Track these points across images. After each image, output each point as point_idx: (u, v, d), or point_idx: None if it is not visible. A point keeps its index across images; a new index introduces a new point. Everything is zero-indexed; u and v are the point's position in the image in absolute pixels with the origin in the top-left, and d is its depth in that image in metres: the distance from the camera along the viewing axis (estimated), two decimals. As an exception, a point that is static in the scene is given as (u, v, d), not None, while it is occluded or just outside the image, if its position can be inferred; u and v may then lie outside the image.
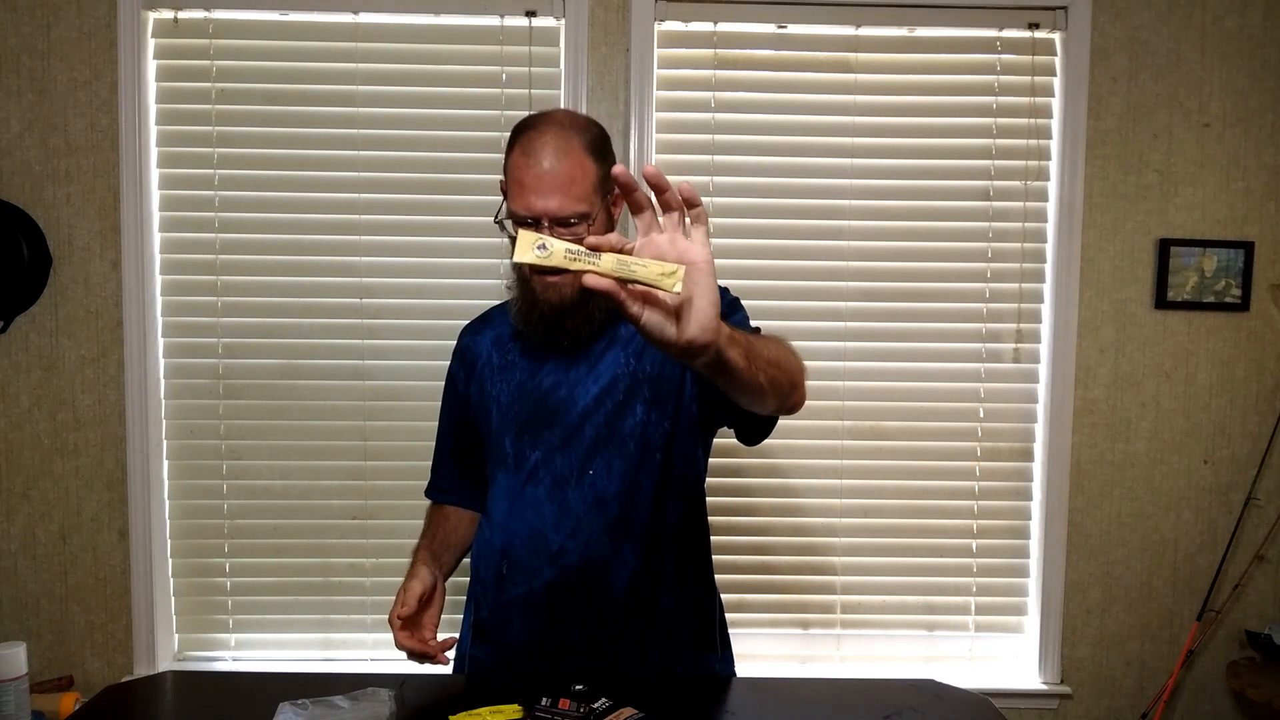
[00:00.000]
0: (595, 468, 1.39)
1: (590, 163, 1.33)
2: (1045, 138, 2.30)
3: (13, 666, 1.30)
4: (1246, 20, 2.27)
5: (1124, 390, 2.33)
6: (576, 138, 1.33)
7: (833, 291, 2.31)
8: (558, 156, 1.31)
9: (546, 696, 1.22)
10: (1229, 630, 2.38)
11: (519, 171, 1.32)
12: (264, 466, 2.30)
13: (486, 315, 1.58)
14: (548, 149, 1.31)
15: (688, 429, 1.43)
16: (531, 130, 1.34)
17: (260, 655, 2.34)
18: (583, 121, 1.37)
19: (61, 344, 2.24)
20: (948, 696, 1.39)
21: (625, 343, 1.42)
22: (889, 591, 2.37)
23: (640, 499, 1.40)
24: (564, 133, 1.33)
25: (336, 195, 2.25)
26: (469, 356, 1.53)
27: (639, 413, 1.40)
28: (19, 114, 2.20)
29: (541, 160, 1.30)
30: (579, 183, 1.31)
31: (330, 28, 2.23)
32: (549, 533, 1.39)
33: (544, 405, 1.42)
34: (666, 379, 1.41)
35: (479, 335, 1.54)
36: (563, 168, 1.30)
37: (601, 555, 1.39)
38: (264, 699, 1.25)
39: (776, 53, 2.27)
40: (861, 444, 2.33)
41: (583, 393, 1.41)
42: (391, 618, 1.44)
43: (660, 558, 1.42)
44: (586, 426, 1.40)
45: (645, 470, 1.40)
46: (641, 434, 1.40)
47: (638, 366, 1.41)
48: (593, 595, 1.40)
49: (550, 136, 1.32)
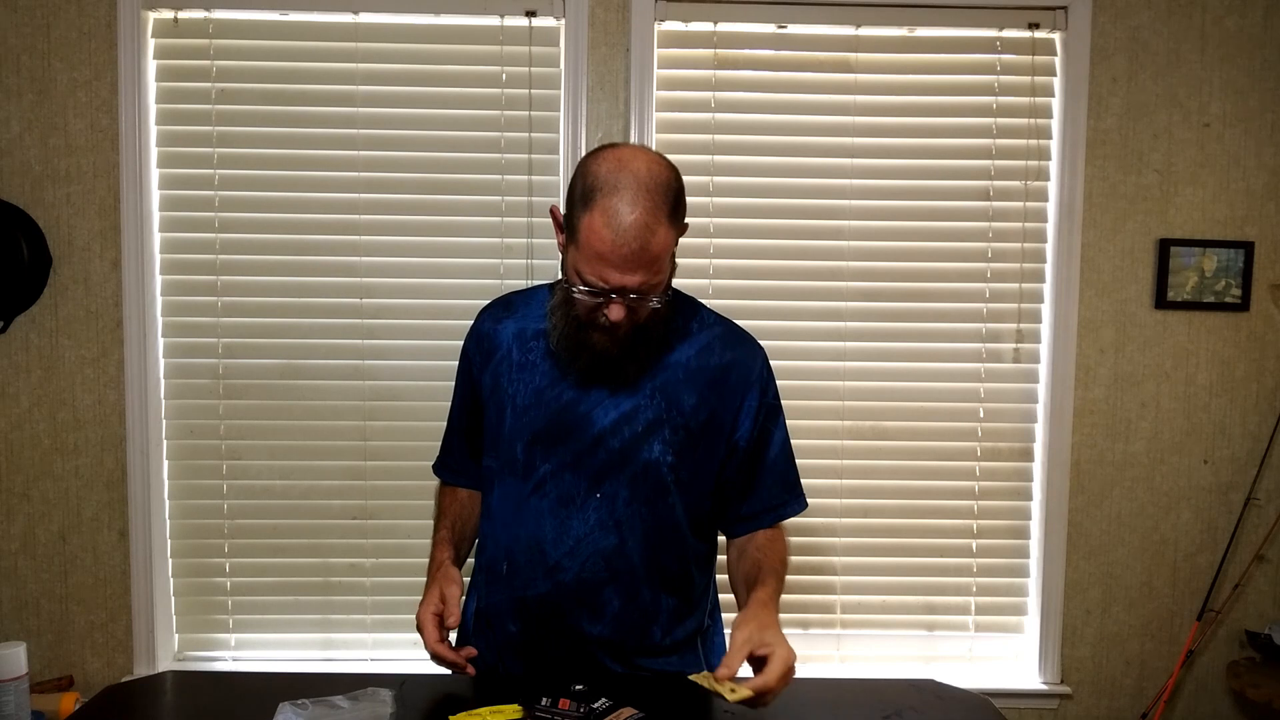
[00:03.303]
0: (603, 492, 1.37)
1: (672, 232, 1.27)
2: (1045, 138, 2.30)
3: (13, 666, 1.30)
4: (1246, 20, 2.27)
5: (1124, 390, 2.34)
6: (663, 207, 1.24)
7: (833, 291, 2.31)
8: (645, 234, 1.22)
9: (546, 696, 1.22)
10: (1229, 630, 2.38)
11: (598, 241, 1.22)
12: (264, 466, 2.30)
13: (507, 301, 1.53)
14: (636, 227, 1.21)
15: (700, 483, 1.42)
16: (614, 196, 1.22)
17: (260, 655, 2.34)
18: (664, 177, 1.26)
19: (61, 344, 2.24)
20: (948, 696, 1.39)
21: (654, 374, 1.39)
22: (889, 591, 2.37)
23: (643, 532, 1.38)
24: (651, 202, 1.23)
25: (337, 195, 2.25)
26: (488, 344, 1.47)
27: (655, 450, 1.37)
28: (19, 114, 2.20)
29: (628, 238, 1.21)
30: (660, 259, 1.25)
31: (330, 28, 2.23)
32: (547, 547, 1.38)
33: (561, 419, 1.39)
34: (692, 432, 1.39)
35: (501, 324, 1.47)
36: (650, 245, 1.22)
37: (596, 579, 1.37)
38: (264, 699, 1.25)
39: (776, 53, 2.27)
40: (861, 444, 2.33)
41: (601, 414, 1.38)
42: (425, 618, 1.35)
43: (655, 593, 1.40)
44: (600, 450, 1.37)
45: (651, 506, 1.38)
46: (655, 472, 1.37)
47: (665, 406, 1.38)
48: (582, 616, 1.38)
49: (639, 212, 1.22)
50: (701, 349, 1.42)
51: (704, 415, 1.39)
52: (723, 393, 1.40)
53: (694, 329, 1.44)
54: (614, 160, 1.26)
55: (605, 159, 1.27)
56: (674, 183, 1.28)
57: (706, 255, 2.29)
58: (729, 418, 1.41)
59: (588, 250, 1.24)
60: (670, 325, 1.39)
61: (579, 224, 1.25)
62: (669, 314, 1.38)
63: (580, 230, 1.25)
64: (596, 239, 1.23)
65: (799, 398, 2.30)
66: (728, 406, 1.41)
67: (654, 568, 1.40)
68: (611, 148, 1.31)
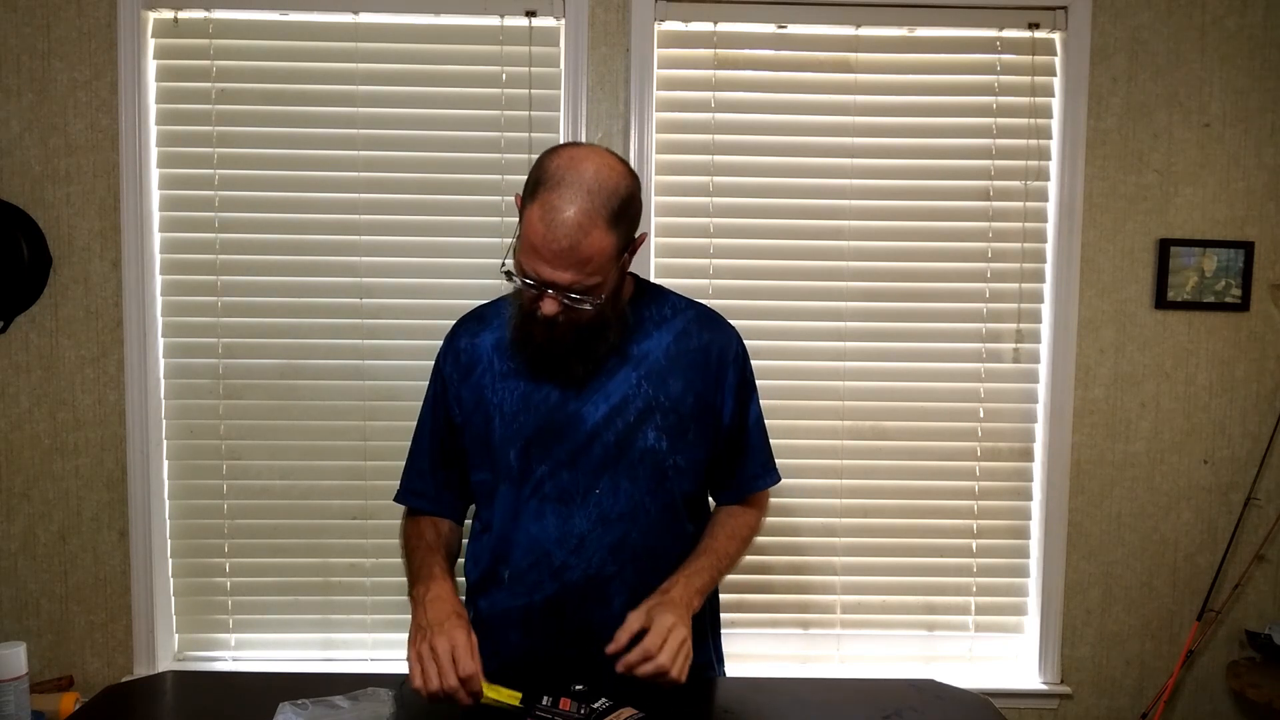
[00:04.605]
0: (602, 487, 1.38)
1: (610, 237, 1.26)
2: (1045, 138, 2.30)
3: (13, 666, 1.30)
4: (1246, 20, 2.27)
5: (1124, 390, 2.34)
6: (601, 211, 1.24)
7: (833, 291, 2.31)
8: (578, 233, 1.23)
9: (547, 696, 1.22)
10: (1229, 630, 2.38)
11: (533, 234, 1.25)
12: (264, 466, 2.30)
13: (480, 314, 1.52)
14: (568, 225, 1.22)
15: (695, 466, 1.44)
16: (555, 191, 1.24)
17: (260, 655, 2.34)
18: (611, 184, 1.26)
19: (61, 344, 2.24)
20: (948, 696, 1.39)
21: (637, 362, 1.40)
22: (889, 591, 2.37)
23: (645, 521, 1.40)
24: (590, 204, 1.23)
25: (337, 195, 2.25)
26: (466, 358, 1.46)
27: (650, 438, 1.39)
28: (19, 114, 2.20)
29: (558, 235, 1.23)
30: (594, 261, 1.25)
31: (330, 28, 2.23)
32: (552, 548, 1.38)
33: (552, 419, 1.39)
34: (683, 416, 1.41)
35: (478, 337, 1.47)
36: (581, 245, 1.23)
37: (603, 574, 1.38)
38: (264, 699, 1.25)
39: (776, 53, 2.27)
40: (861, 444, 2.33)
41: (592, 409, 1.39)
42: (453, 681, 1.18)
43: (659, 580, 1.40)
44: (595, 445, 1.38)
45: (652, 494, 1.40)
46: (652, 459, 1.39)
47: (653, 393, 1.39)
48: (592, 614, 1.39)
49: (574, 210, 1.23)
50: (679, 334, 1.44)
51: (690, 399, 1.42)
52: (705, 374, 1.43)
53: (668, 314, 1.46)
54: (566, 158, 1.28)
55: (560, 155, 1.29)
56: (622, 190, 1.27)
57: (706, 255, 2.29)
58: (713, 397, 1.44)
59: (525, 241, 1.27)
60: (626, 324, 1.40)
61: (523, 215, 1.28)
62: (620, 316, 1.38)
63: (523, 221, 1.28)
64: (532, 231, 1.25)
65: (799, 398, 2.31)
66: (710, 387, 1.44)
67: (657, 554, 1.41)
68: (572, 146, 1.32)
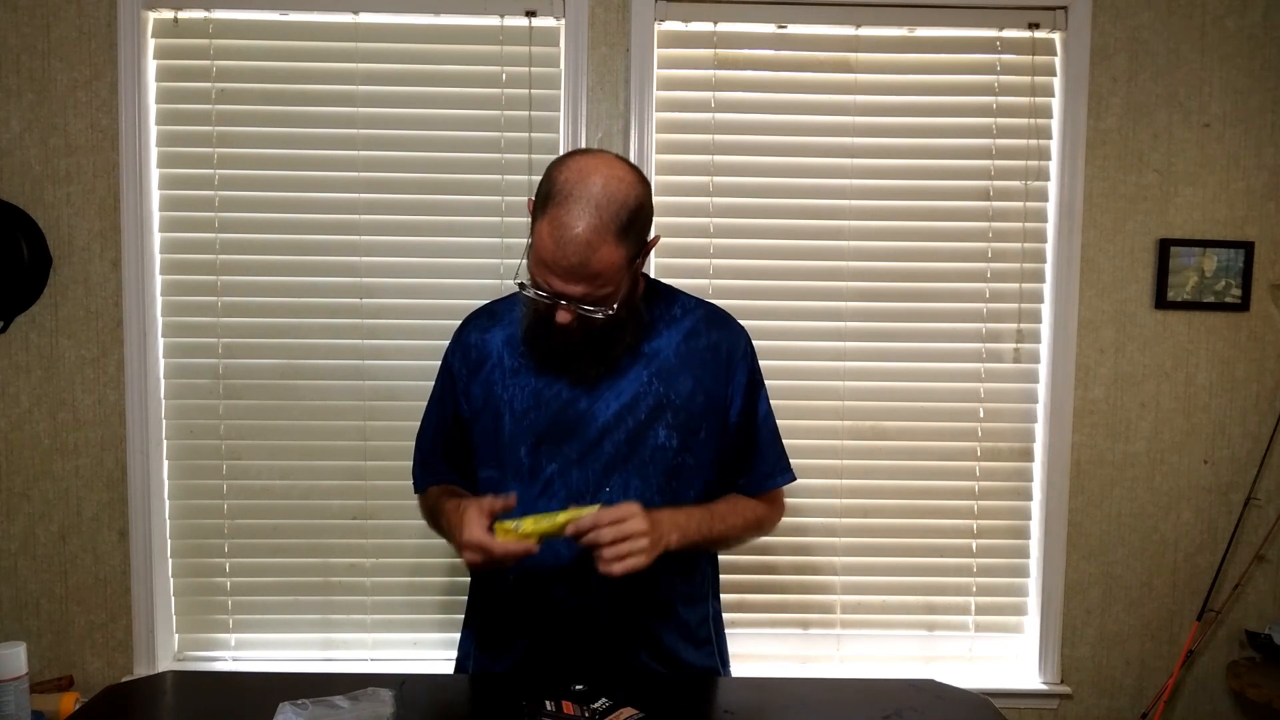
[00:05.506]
0: (612, 485, 1.38)
1: (619, 250, 1.26)
2: (1045, 138, 2.30)
3: (13, 666, 1.30)
4: (1246, 20, 2.27)
5: (1124, 390, 2.33)
6: (610, 225, 1.24)
7: (833, 291, 2.31)
8: (587, 250, 1.23)
9: (548, 698, 1.22)
10: (1229, 630, 2.38)
11: (544, 251, 1.25)
12: (264, 466, 2.30)
13: (491, 310, 1.52)
14: (577, 242, 1.23)
15: (705, 464, 1.44)
16: (564, 207, 1.24)
17: (260, 655, 2.34)
18: (620, 196, 1.26)
19: (61, 344, 2.24)
20: (948, 696, 1.39)
21: (648, 360, 1.41)
22: (889, 591, 2.37)
23: None
24: (599, 220, 1.23)
25: (337, 195, 2.25)
26: (476, 354, 1.47)
27: (661, 436, 1.39)
28: (19, 114, 2.20)
29: (568, 252, 1.23)
30: (604, 275, 1.25)
31: (330, 28, 2.23)
32: (561, 547, 1.37)
33: (563, 416, 1.39)
34: (693, 414, 1.41)
35: (488, 333, 1.47)
36: (591, 262, 1.23)
37: None
38: (264, 699, 1.25)
39: (776, 53, 2.27)
40: (861, 444, 2.33)
41: (603, 407, 1.39)
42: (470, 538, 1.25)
43: (669, 578, 1.40)
44: (606, 443, 1.38)
45: (662, 492, 1.39)
46: (662, 458, 1.39)
47: (663, 391, 1.40)
48: (598, 612, 1.39)
49: (583, 227, 1.23)
50: (688, 333, 1.44)
51: (700, 397, 1.42)
52: (714, 372, 1.43)
53: (677, 314, 1.46)
54: (575, 170, 1.27)
55: (569, 167, 1.28)
56: (631, 201, 1.27)
57: (706, 255, 2.29)
58: (723, 396, 1.44)
59: (535, 255, 1.27)
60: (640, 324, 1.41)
61: (534, 228, 1.28)
62: (634, 317, 1.39)
63: (534, 234, 1.28)
64: (543, 246, 1.25)
65: (799, 398, 2.30)
66: (719, 385, 1.44)
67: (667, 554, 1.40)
68: (581, 155, 1.31)
